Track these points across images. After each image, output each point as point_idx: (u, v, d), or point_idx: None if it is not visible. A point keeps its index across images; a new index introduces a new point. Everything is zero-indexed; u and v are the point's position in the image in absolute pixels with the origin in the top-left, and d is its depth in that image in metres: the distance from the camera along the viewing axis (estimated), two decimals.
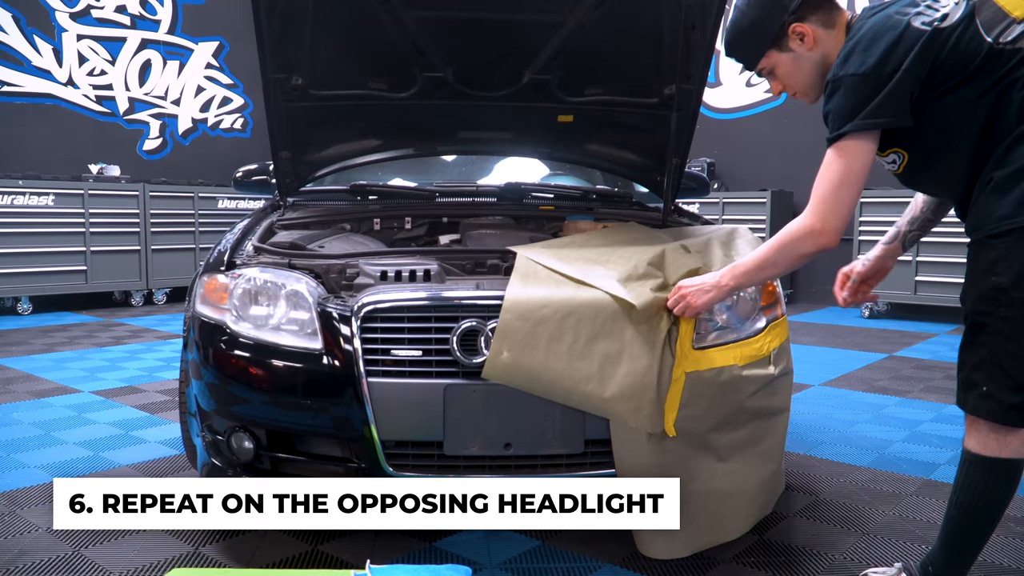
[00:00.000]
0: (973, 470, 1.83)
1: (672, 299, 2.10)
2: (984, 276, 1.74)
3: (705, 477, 2.16)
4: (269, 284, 2.27)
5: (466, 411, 2.08)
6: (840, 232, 1.87)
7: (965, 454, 1.85)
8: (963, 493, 1.85)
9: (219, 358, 2.24)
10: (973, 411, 1.79)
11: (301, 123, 2.94)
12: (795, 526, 2.53)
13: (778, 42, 1.95)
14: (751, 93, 8.84)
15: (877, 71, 1.76)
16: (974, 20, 1.75)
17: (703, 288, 2.07)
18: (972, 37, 1.74)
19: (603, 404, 2.04)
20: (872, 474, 3.04)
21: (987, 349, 1.75)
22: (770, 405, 2.27)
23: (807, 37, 1.92)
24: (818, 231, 1.86)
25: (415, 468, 2.12)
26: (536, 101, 3.00)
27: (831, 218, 1.85)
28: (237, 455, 2.24)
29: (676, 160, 3.02)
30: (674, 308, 2.09)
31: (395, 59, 2.83)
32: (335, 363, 2.09)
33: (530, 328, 2.05)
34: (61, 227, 7.32)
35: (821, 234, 1.86)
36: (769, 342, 2.28)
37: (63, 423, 3.68)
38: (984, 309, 1.74)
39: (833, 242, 1.87)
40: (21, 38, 7.99)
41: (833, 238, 1.87)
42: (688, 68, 2.78)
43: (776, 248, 1.96)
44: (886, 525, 2.55)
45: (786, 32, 1.93)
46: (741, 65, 2.06)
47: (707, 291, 2.07)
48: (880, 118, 1.78)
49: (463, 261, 2.46)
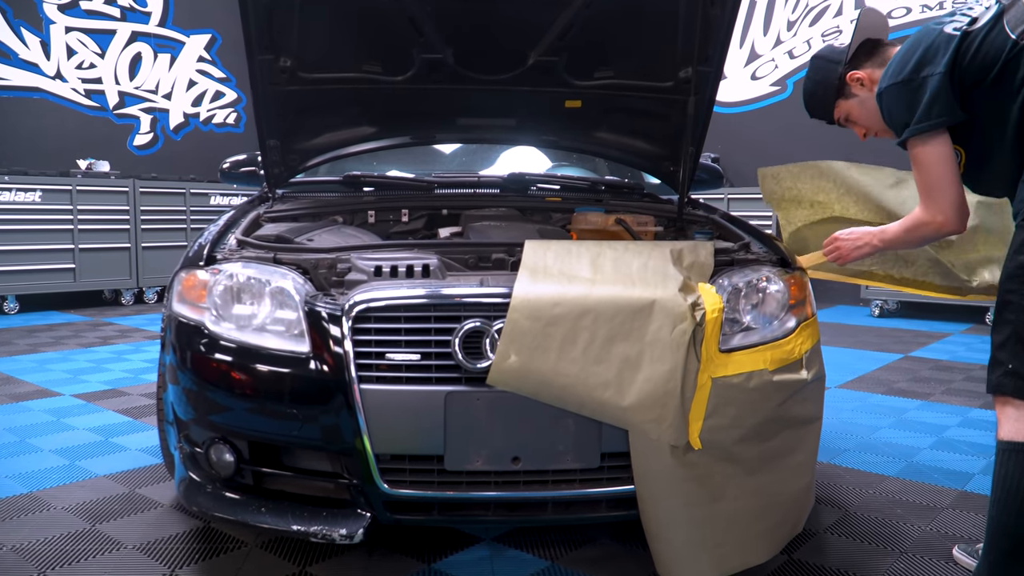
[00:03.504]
0: (1008, 459, 1.76)
1: (828, 247, 2.29)
2: (1013, 256, 1.79)
3: (733, 494, 1.96)
4: (252, 281, 2.07)
5: (469, 421, 1.88)
6: (956, 217, 1.97)
7: (999, 445, 1.79)
8: (1001, 487, 1.76)
9: (197, 362, 2.04)
10: (997, 389, 1.79)
11: (290, 109, 2.74)
12: (826, 544, 2.33)
13: (842, 92, 2.19)
14: (756, 86, 8.65)
15: (912, 77, 1.91)
16: (1001, 20, 1.85)
17: (858, 242, 2.22)
18: (997, 36, 1.83)
19: (621, 413, 1.84)
20: (902, 485, 2.84)
21: (1012, 327, 1.77)
22: (802, 413, 2.07)
23: (865, 80, 2.13)
24: (928, 221, 2.00)
25: (413, 484, 1.91)
26: (542, 85, 2.79)
27: (938, 210, 1.97)
28: (217, 469, 2.04)
29: (692, 149, 2.82)
30: (827, 254, 2.29)
31: (391, 39, 2.63)
32: (323, 368, 1.89)
33: (541, 329, 1.84)
34: (48, 224, 7.12)
35: (934, 224, 1.99)
36: (801, 344, 2.08)
37: (40, 429, 3.47)
38: (1010, 287, 1.78)
39: (954, 226, 1.98)
40: (8, 30, 7.78)
41: (952, 224, 1.98)
42: (706, 49, 2.58)
43: (904, 229, 2.08)
44: (923, 542, 2.35)
45: (846, 82, 2.17)
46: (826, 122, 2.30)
47: (860, 246, 2.22)
48: (933, 119, 1.89)
49: (465, 255, 2.26)
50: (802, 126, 8.33)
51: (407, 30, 2.56)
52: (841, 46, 2.21)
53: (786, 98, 8.38)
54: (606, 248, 2.09)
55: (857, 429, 3.55)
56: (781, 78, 8.53)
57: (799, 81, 8.36)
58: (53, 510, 2.54)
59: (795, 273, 2.25)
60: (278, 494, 2.03)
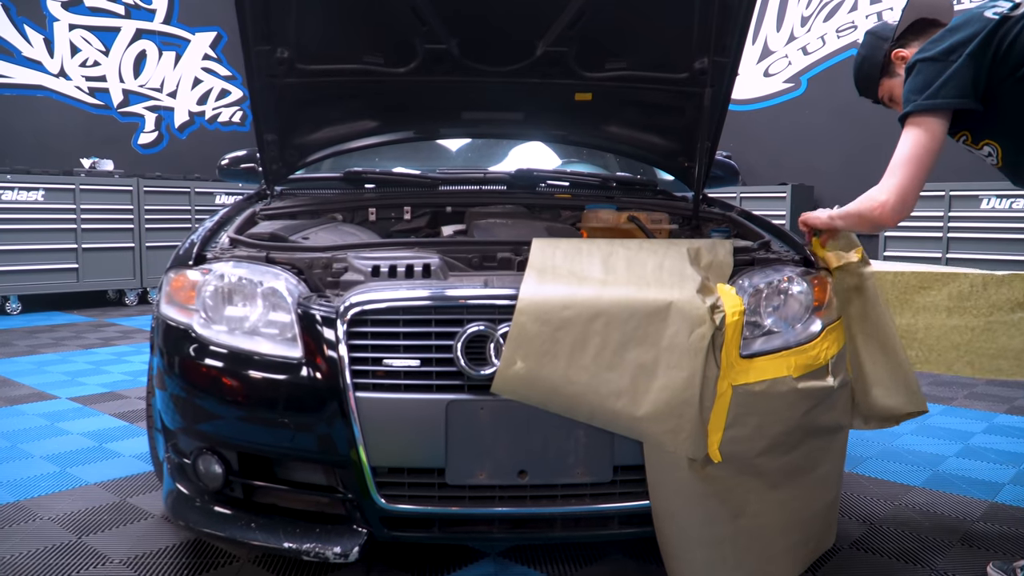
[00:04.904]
0: None
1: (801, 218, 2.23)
2: None
3: (755, 510, 1.84)
4: (244, 281, 1.95)
5: (472, 432, 1.75)
6: (898, 210, 1.87)
7: None
8: None
9: (184, 367, 1.92)
10: None
11: (288, 102, 2.62)
12: (852, 561, 2.20)
13: (887, 70, 2.12)
14: (769, 83, 8.50)
15: (943, 56, 1.84)
16: None
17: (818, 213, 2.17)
18: None
19: (635, 424, 1.72)
20: (929, 496, 2.70)
21: None
22: (828, 422, 1.95)
23: (909, 60, 2.00)
24: (874, 201, 1.90)
25: (412, 499, 1.79)
26: (551, 77, 2.66)
27: (888, 191, 1.87)
28: (204, 481, 1.92)
29: (707, 144, 2.69)
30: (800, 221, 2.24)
31: (393, 29, 2.50)
32: (316, 374, 1.77)
33: (549, 333, 1.72)
34: (51, 223, 7.03)
35: (877, 203, 1.89)
36: (826, 349, 1.95)
37: (33, 434, 3.36)
38: None
39: (889, 215, 1.88)
40: (11, 27, 7.70)
41: (888, 212, 1.87)
42: (723, 38, 2.45)
43: (855, 204, 1.99)
44: (955, 559, 2.22)
45: (891, 59, 2.10)
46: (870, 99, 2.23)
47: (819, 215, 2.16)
48: (940, 99, 1.83)
49: (469, 254, 2.13)
50: (817, 124, 8.23)
51: (410, 19, 2.44)
52: (894, 23, 2.14)
53: (800, 95, 8.23)
54: (619, 247, 1.97)
55: (878, 436, 3.41)
56: (795, 75, 8.38)
57: (813, 78, 8.25)
58: (39, 520, 2.43)
59: (819, 273, 2.12)
60: (270, 508, 1.91)
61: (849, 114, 7.62)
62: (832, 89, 7.85)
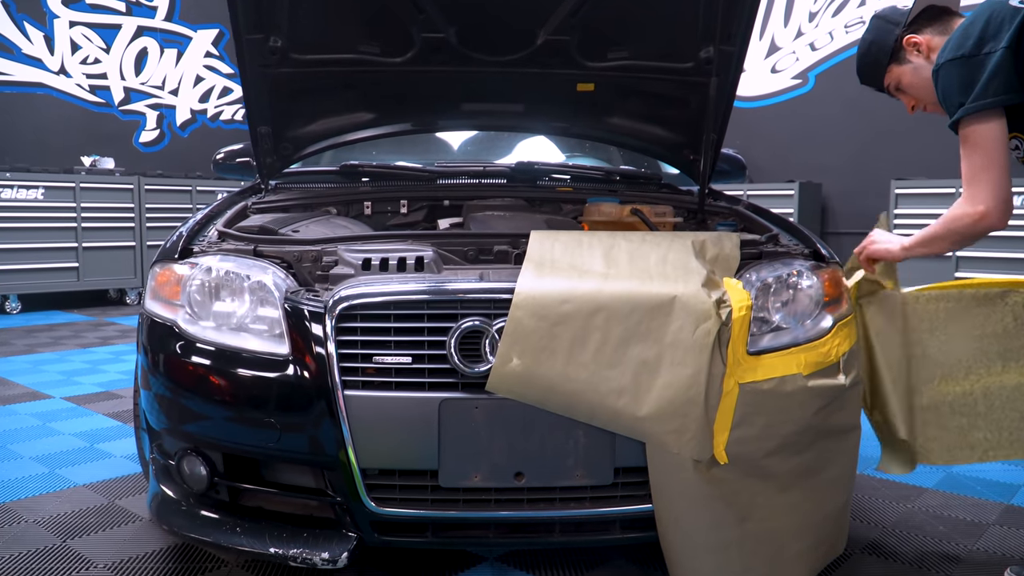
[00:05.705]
0: None
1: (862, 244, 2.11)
2: None
3: (763, 513, 1.76)
4: (231, 275, 1.88)
5: (467, 432, 1.68)
6: (998, 209, 1.80)
7: None
8: None
9: (169, 365, 1.85)
10: None
11: (281, 93, 2.56)
12: (865, 567, 2.11)
13: (896, 56, 2.02)
14: (776, 80, 8.41)
15: (975, 52, 1.76)
16: None
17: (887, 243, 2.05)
18: None
19: (638, 424, 1.64)
20: (943, 498, 2.62)
21: None
22: (839, 422, 1.87)
23: (922, 47, 1.97)
24: (968, 212, 1.83)
25: (403, 502, 1.71)
26: (552, 67, 2.59)
27: (980, 199, 1.80)
28: (189, 483, 1.85)
29: (713, 136, 2.61)
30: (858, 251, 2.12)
31: (389, 17, 2.43)
32: (303, 372, 1.69)
33: (547, 329, 1.64)
34: (52, 222, 6.97)
35: (974, 215, 1.82)
36: (837, 345, 1.87)
37: (24, 434, 3.30)
38: None
39: (995, 219, 1.81)
40: (11, 24, 7.65)
41: (993, 217, 1.80)
42: (729, 26, 2.38)
43: (942, 225, 1.92)
44: (971, 564, 2.14)
45: (902, 45, 2.01)
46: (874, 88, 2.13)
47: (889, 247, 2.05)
48: (989, 98, 1.75)
49: (464, 247, 2.05)
50: (825, 121, 8.13)
51: (406, 7, 2.37)
52: (904, 7, 2.05)
53: (808, 92, 8.13)
54: (621, 239, 1.89)
55: None
56: (802, 71, 8.28)
57: (821, 74, 8.16)
58: (24, 523, 2.36)
59: (829, 267, 2.04)
60: (257, 512, 1.84)
61: (857, 111, 7.52)
62: (840, 85, 7.74)
